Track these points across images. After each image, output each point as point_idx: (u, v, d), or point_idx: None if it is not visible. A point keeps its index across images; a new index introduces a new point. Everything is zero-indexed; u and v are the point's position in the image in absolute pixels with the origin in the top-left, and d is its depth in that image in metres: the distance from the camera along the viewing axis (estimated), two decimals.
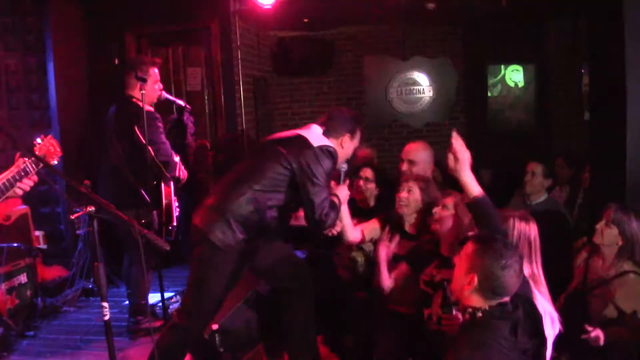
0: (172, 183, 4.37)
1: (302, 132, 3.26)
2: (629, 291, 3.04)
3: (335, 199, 3.28)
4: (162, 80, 4.55)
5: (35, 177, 2.64)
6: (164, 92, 4.51)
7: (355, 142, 3.42)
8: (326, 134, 3.28)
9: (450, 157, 2.62)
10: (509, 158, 5.73)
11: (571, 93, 7.50)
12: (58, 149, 2.83)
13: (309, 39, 7.36)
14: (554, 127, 7.59)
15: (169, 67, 6.19)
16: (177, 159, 4.33)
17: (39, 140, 2.77)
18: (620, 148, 3.71)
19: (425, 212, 3.55)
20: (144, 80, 4.11)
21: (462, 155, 2.59)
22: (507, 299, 2.31)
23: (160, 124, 4.25)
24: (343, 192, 3.42)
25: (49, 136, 2.83)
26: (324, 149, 3.14)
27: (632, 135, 3.66)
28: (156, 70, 4.41)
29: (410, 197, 3.60)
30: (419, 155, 4.20)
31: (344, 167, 3.50)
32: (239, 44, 6.11)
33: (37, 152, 2.67)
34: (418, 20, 7.04)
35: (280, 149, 3.17)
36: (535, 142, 7.52)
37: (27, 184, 2.61)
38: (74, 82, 5.87)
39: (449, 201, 3.35)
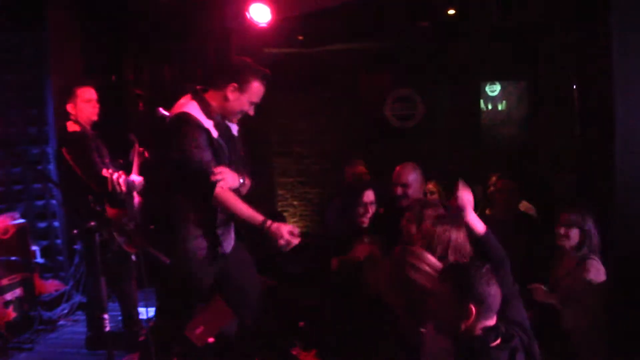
0: None
1: None
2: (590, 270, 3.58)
3: None
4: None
5: None
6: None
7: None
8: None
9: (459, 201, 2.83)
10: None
11: (563, 109, 7.59)
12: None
13: (304, 55, 7.44)
14: (546, 142, 7.66)
15: (166, 84, 6.26)
16: None
17: None
18: (608, 162, 3.77)
19: None
20: None
21: (467, 199, 2.82)
22: (495, 319, 2.35)
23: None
24: None
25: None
26: None
27: (621, 149, 3.71)
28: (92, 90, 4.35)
29: None
30: (410, 177, 4.22)
31: None
32: None
33: None
34: (411, 36, 7.14)
35: None
36: (529, 157, 7.60)
37: None
38: None
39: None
